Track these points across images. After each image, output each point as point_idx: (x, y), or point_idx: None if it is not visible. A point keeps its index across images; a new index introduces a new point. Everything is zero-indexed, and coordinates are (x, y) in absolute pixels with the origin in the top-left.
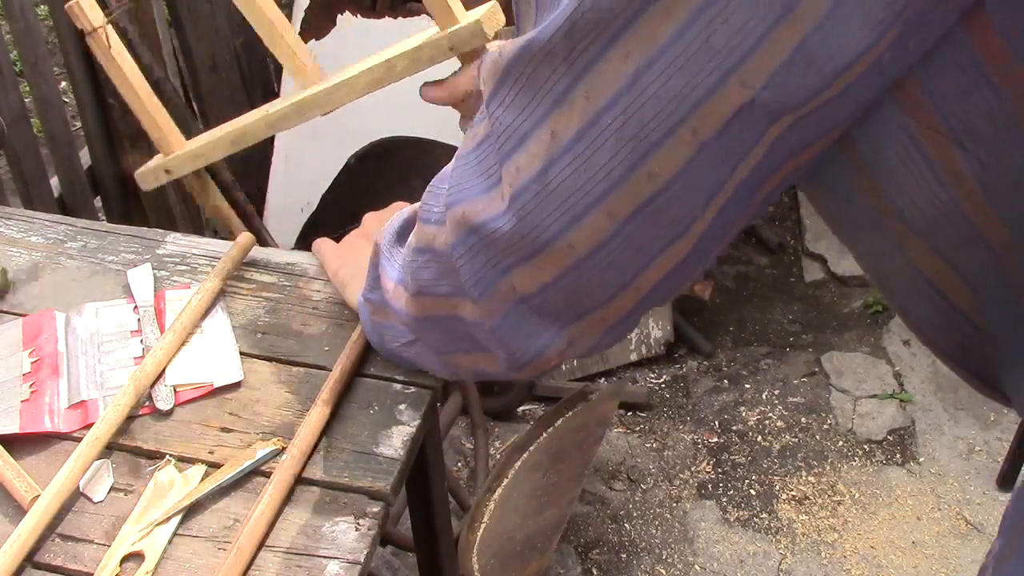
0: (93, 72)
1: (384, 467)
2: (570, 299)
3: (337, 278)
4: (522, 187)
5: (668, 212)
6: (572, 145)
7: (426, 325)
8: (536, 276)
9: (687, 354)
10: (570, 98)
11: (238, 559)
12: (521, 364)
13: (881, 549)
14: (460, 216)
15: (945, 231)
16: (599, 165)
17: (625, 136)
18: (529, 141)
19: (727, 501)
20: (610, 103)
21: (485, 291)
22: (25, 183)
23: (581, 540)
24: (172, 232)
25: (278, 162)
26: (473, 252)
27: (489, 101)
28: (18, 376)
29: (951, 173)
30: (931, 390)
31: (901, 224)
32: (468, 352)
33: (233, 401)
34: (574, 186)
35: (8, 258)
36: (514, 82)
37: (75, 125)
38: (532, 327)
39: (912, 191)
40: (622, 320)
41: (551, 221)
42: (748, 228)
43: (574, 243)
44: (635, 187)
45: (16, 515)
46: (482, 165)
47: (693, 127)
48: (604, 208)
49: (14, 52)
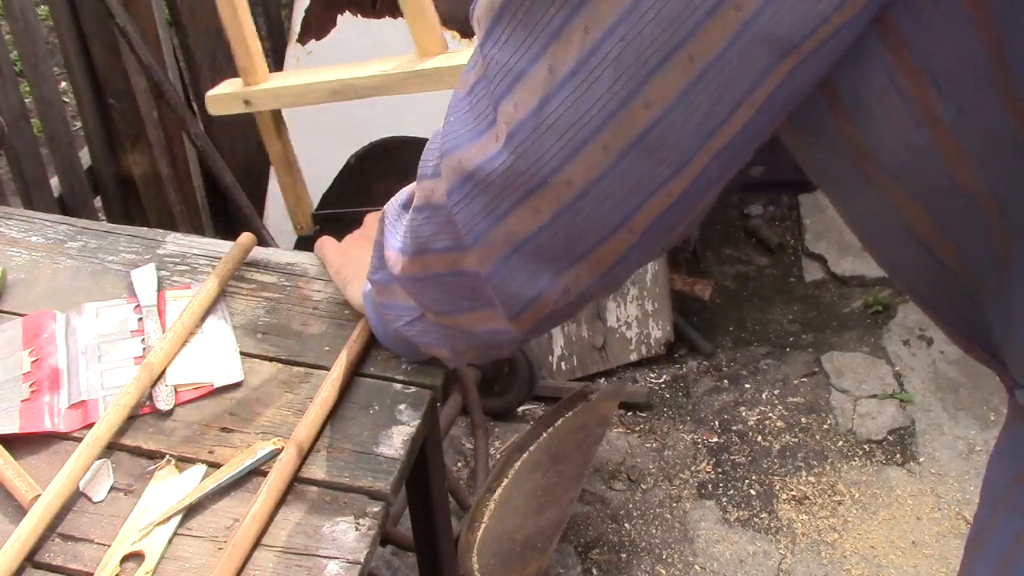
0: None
1: (384, 467)
2: (565, 240)
3: (339, 277)
4: (518, 125)
5: (663, 147)
6: (570, 78)
7: (427, 285)
8: (533, 216)
9: (687, 354)
10: (567, 31)
11: (232, 557)
12: (518, 311)
13: (881, 549)
14: (456, 163)
15: (921, 177)
16: (596, 96)
17: (623, 63)
18: (526, 77)
19: (727, 501)
20: (608, 31)
21: (480, 238)
22: (25, 183)
23: (581, 540)
24: (172, 232)
25: None
26: (469, 198)
27: (484, 42)
28: (18, 376)
29: (927, 115)
30: (931, 390)
31: (879, 171)
32: (469, 311)
33: (233, 401)
34: (571, 119)
35: (8, 258)
36: (510, 19)
37: (75, 125)
38: (528, 273)
39: (889, 134)
40: (615, 264)
41: (549, 156)
42: (748, 228)
43: (572, 178)
44: (631, 118)
45: (16, 515)
46: (475, 110)
47: (690, 53)
48: (600, 141)
49: (14, 52)
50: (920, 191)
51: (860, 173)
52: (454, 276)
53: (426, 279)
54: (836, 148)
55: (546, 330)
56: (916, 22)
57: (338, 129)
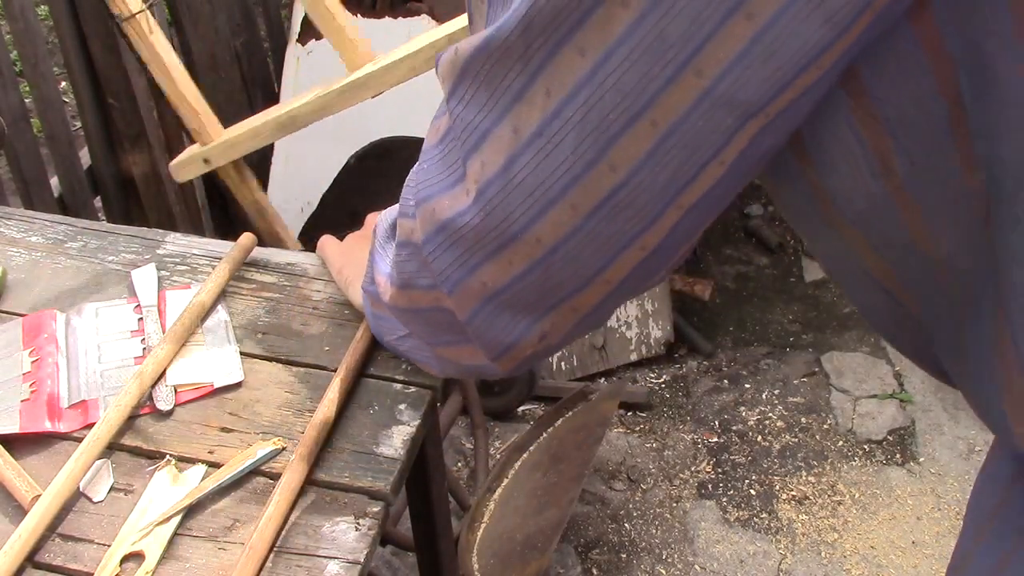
0: (93, 72)
1: (384, 467)
2: (539, 292)
3: (340, 276)
4: (487, 183)
5: (630, 206)
6: (534, 140)
7: (414, 318)
8: (506, 270)
9: (687, 354)
10: (529, 94)
11: (250, 559)
12: (497, 355)
13: (881, 549)
14: (430, 213)
15: (879, 227)
16: (561, 158)
17: (586, 128)
18: (491, 137)
19: (727, 501)
20: (570, 96)
21: (456, 286)
22: (25, 183)
23: (581, 540)
24: (172, 232)
25: (278, 162)
26: (443, 248)
27: (449, 98)
28: (18, 376)
29: (883, 164)
30: (931, 390)
31: (839, 216)
32: (454, 345)
33: (233, 401)
34: (537, 180)
35: (8, 258)
36: (472, 79)
37: (75, 125)
38: (504, 321)
39: (847, 180)
40: (593, 311)
41: (518, 215)
42: (748, 228)
43: (541, 236)
44: (597, 180)
45: (17, 515)
46: (446, 160)
47: (653, 119)
48: (568, 201)
49: (14, 52)
50: (877, 240)
51: (822, 216)
52: (438, 312)
53: (413, 312)
54: (798, 188)
55: (532, 365)
56: (875, 70)
57: (338, 129)
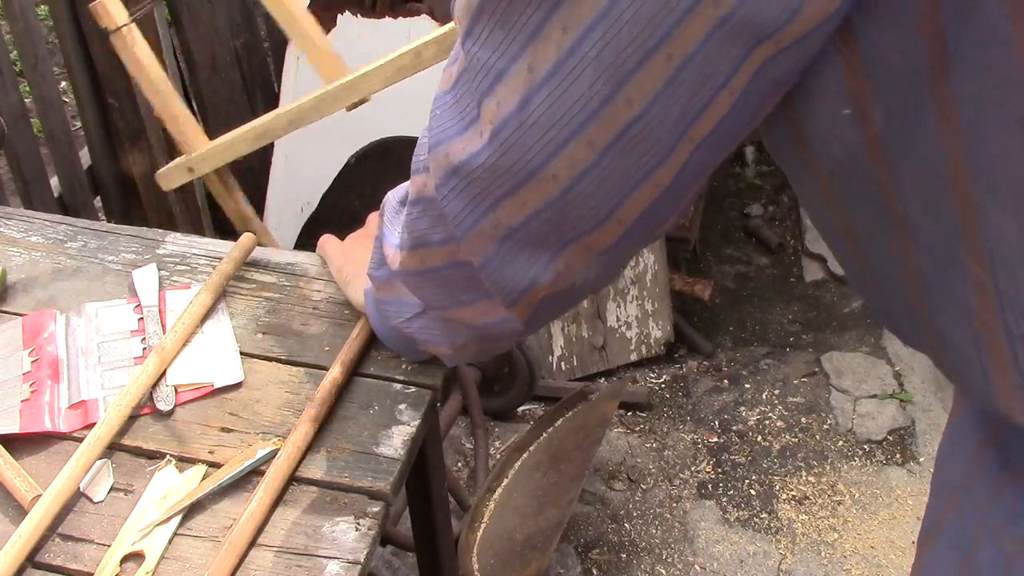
0: (93, 72)
1: (384, 467)
2: (555, 228)
3: (340, 276)
4: (502, 122)
5: (646, 140)
6: (550, 77)
7: (426, 280)
8: (521, 208)
9: (687, 354)
10: (545, 31)
11: (229, 555)
12: (512, 299)
13: (881, 549)
14: (443, 157)
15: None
16: (577, 95)
17: (603, 63)
18: (507, 76)
19: (727, 501)
20: (586, 31)
21: (470, 228)
22: (25, 183)
23: (581, 540)
24: (172, 232)
25: (278, 162)
26: (456, 191)
27: (464, 38)
28: (18, 376)
29: (861, 111)
30: (931, 390)
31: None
32: (469, 303)
33: (233, 401)
34: (553, 117)
35: (8, 258)
36: (488, 18)
37: (75, 125)
38: (520, 262)
39: (826, 125)
40: (608, 251)
41: (533, 153)
42: (748, 228)
43: (557, 173)
44: (613, 115)
45: (17, 515)
46: (459, 104)
47: (668, 51)
48: (584, 137)
49: (14, 52)
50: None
51: (801, 161)
52: (452, 268)
53: (425, 273)
54: (782, 131)
55: (547, 319)
56: (865, 8)
57: (338, 129)
